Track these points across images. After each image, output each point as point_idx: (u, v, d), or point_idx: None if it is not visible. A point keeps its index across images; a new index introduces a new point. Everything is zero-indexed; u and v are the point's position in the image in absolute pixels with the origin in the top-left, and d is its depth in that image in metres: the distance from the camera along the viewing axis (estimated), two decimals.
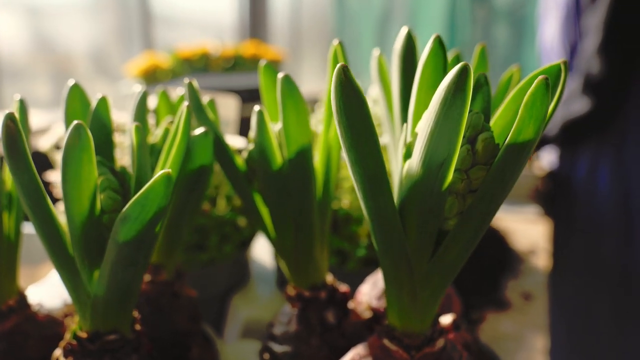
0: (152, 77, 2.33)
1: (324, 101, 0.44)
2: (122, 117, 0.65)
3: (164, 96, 0.47)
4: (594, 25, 1.16)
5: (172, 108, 0.48)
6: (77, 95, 0.40)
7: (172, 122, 0.45)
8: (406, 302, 0.36)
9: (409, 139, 0.34)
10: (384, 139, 0.51)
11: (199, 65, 2.39)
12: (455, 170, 0.30)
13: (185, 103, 0.35)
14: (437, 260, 0.34)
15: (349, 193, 0.61)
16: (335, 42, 0.41)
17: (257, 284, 0.71)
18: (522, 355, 1.19)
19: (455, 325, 0.45)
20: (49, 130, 0.69)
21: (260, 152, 0.40)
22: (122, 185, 0.36)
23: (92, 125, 0.38)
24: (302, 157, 0.39)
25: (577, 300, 1.24)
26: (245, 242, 0.68)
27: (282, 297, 0.68)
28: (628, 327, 1.16)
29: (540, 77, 0.27)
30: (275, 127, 0.42)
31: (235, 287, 0.69)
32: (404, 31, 0.43)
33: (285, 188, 0.41)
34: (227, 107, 0.77)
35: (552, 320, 1.25)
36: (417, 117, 0.34)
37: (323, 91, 0.45)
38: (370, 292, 0.50)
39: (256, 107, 0.39)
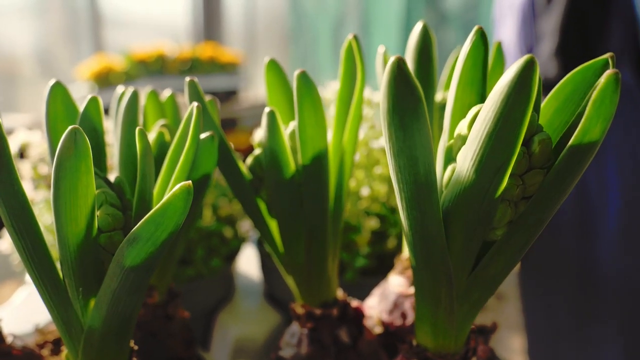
0: (104, 80, 2.23)
1: (334, 101, 0.40)
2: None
3: (154, 96, 0.43)
4: (549, 29, 1.18)
5: (162, 109, 0.43)
6: (59, 96, 0.35)
7: (164, 126, 0.41)
8: (441, 320, 0.32)
9: (447, 142, 0.31)
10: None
11: (154, 67, 2.30)
12: (509, 176, 0.27)
13: (195, 104, 0.31)
14: (479, 274, 0.31)
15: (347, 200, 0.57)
16: (350, 36, 0.38)
17: (242, 299, 0.66)
18: (501, 356, 1.19)
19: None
20: (9, 136, 0.62)
21: (271, 158, 0.36)
22: (120, 199, 0.31)
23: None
24: (319, 163, 0.36)
25: (546, 299, 1.26)
26: (232, 255, 0.63)
27: (272, 312, 0.64)
28: (588, 321, 1.18)
29: (608, 72, 0.25)
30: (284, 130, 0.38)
31: (221, 303, 0.64)
32: (419, 26, 0.40)
33: (298, 197, 0.37)
34: None
35: (526, 319, 1.26)
36: (456, 116, 0.31)
37: None
38: (378, 305, 0.47)
39: (267, 109, 0.35)
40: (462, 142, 0.29)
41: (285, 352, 0.41)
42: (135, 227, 0.26)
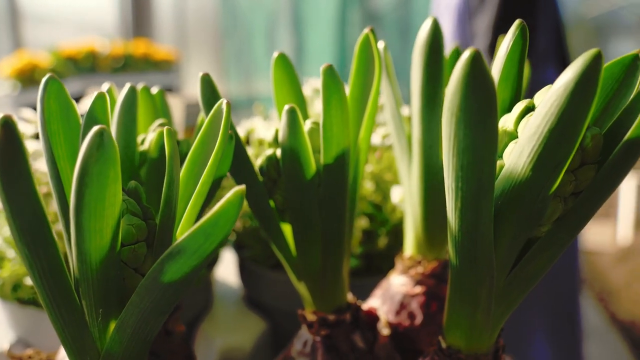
0: (28, 78, 2.09)
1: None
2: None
3: (146, 92, 0.39)
4: (482, 28, 1.23)
5: (156, 107, 0.40)
6: (53, 93, 0.31)
7: (163, 125, 0.37)
8: (478, 321, 0.32)
9: None
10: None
11: (85, 64, 2.18)
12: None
13: (224, 100, 0.28)
14: (519, 272, 0.30)
15: None
16: (367, 29, 0.36)
17: (222, 306, 0.63)
18: None
19: None
20: None
21: (291, 158, 0.33)
22: (139, 206, 0.28)
23: (86, 130, 0.30)
24: (342, 163, 0.34)
25: None
26: (213, 261, 0.60)
27: (255, 318, 0.61)
28: (520, 321, 1.25)
29: None
30: None
31: (202, 312, 0.60)
32: (429, 21, 0.39)
33: (316, 199, 0.35)
34: (174, 109, 0.68)
35: None
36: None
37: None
38: (382, 306, 0.46)
39: (286, 106, 0.33)
40: (509, 138, 0.28)
41: None
42: (181, 238, 0.23)
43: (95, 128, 0.23)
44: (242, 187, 0.23)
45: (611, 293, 2.40)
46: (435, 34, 0.39)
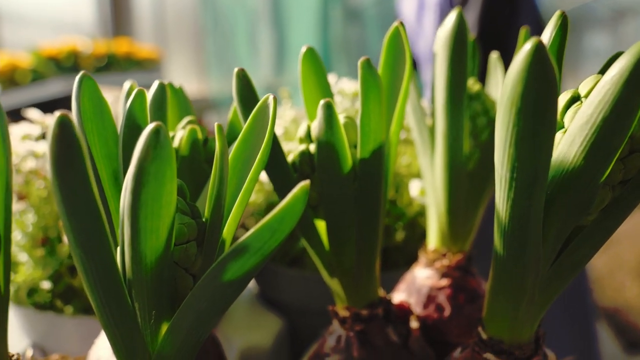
0: (9, 79, 2.04)
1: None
2: None
3: (171, 89, 0.38)
4: (469, 24, 1.25)
5: (180, 104, 0.39)
6: (87, 91, 0.30)
7: (192, 122, 0.37)
8: (522, 311, 0.32)
9: None
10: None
11: (67, 64, 2.13)
12: None
13: (271, 95, 0.28)
14: (564, 261, 0.30)
15: None
16: (397, 22, 0.36)
17: (238, 305, 0.62)
18: None
19: None
20: None
21: (327, 153, 0.33)
22: (188, 205, 0.27)
23: (126, 129, 0.29)
24: (378, 156, 0.34)
25: None
26: None
27: (271, 316, 0.61)
28: None
29: None
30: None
31: None
32: (454, 13, 0.39)
33: (351, 194, 0.35)
34: None
35: None
36: None
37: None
38: (408, 299, 0.46)
39: (322, 101, 0.32)
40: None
41: (334, 358, 0.39)
42: (246, 235, 0.22)
43: (151, 126, 0.22)
44: (307, 182, 0.22)
45: (595, 281, 2.45)
46: (461, 26, 0.39)
